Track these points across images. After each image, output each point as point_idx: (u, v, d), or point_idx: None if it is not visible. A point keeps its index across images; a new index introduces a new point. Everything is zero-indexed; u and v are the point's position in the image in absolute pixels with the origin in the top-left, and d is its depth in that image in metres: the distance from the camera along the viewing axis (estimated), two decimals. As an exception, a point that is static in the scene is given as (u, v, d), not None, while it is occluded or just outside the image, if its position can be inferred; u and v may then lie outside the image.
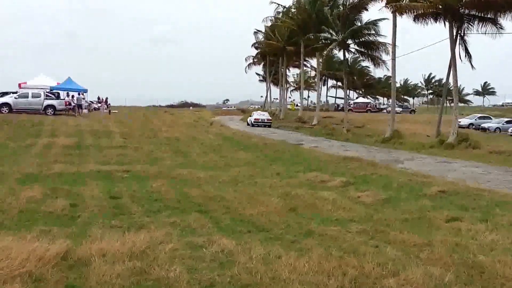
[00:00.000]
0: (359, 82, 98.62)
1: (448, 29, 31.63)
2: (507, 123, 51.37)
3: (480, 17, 31.06)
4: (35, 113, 39.54)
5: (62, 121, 36.70)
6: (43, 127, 32.40)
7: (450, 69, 32.93)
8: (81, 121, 39.09)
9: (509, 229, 9.45)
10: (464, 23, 32.23)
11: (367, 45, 42.77)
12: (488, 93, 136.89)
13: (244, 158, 22.60)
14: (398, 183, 15.26)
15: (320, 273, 6.60)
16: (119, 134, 31.54)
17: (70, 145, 24.48)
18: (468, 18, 31.88)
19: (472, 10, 31.02)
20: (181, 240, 8.10)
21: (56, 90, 50.30)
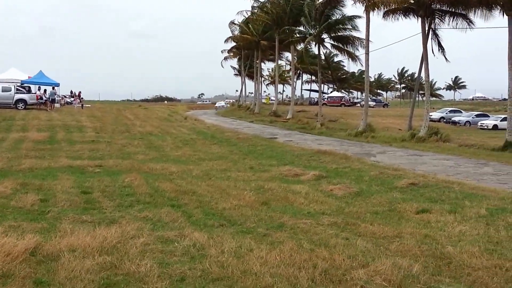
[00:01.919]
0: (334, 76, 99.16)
1: (420, 24, 31.97)
2: (477, 117, 52.31)
3: (451, 12, 31.49)
4: (6, 108, 38.94)
5: (34, 116, 36.22)
6: (14, 121, 31.96)
7: (422, 64, 33.31)
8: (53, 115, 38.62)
9: (477, 220, 9.61)
10: (436, 18, 32.65)
11: (342, 40, 43.02)
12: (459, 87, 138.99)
13: (217, 152, 22.60)
14: (369, 176, 15.41)
15: (291, 265, 6.63)
16: (91, 129, 31.26)
17: (41, 140, 24.18)
18: (439, 13, 32.29)
19: (443, 5, 31.40)
20: (152, 234, 8.05)
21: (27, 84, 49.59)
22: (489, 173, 17.58)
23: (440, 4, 31.57)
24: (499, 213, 10.13)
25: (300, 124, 44.39)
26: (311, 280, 6.17)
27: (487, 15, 28.59)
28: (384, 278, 6.15)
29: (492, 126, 45.73)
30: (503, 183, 15.24)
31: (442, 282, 6.20)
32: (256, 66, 68.58)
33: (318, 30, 43.21)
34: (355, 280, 6.12)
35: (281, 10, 51.68)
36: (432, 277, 6.38)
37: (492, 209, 10.50)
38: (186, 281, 6.12)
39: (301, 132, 38.19)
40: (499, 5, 27.10)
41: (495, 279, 6.35)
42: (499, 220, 9.57)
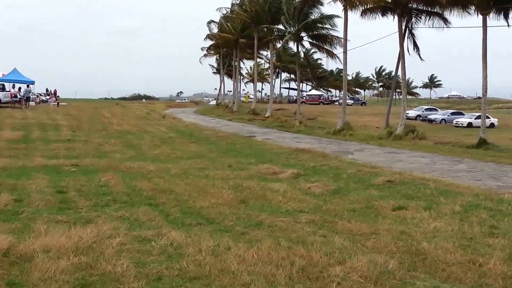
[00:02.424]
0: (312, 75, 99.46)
1: (397, 23, 32.23)
2: (452, 115, 52.93)
3: (427, 11, 31.82)
4: (-20, 106, 38.36)
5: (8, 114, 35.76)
6: (-12, 120, 31.47)
7: (399, 62, 33.60)
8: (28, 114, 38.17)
9: (451, 217, 9.74)
10: (412, 17, 32.96)
11: (321, 38, 43.16)
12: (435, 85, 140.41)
13: (195, 151, 22.52)
14: (347, 174, 15.51)
15: (269, 263, 6.65)
16: (67, 127, 30.95)
17: (16, 138, 23.83)
18: (416, 12, 32.60)
19: (420, 4, 31.71)
20: (129, 234, 8.00)
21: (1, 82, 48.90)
22: (463, 170, 17.83)
23: (417, 3, 31.87)
24: (473, 209, 10.29)
25: (279, 122, 44.48)
26: (288, 277, 6.21)
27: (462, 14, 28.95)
28: (360, 275, 6.21)
29: (467, 124, 46.30)
30: (477, 180, 15.47)
31: (417, 278, 6.27)
32: (235, 65, 68.49)
33: (296, 28, 43.28)
34: (332, 277, 6.17)
35: (259, 8, 51.67)
36: (407, 273, 6.46)
37: (466, 205, 10.66)
38: (163, 280, 6.10)
39: (280, 130, 38.26)
40: (473, 4, 27.43)
41: (468, 274, 6.45)
42: (473, 216, 9.72)
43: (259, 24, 52.07)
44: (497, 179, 15.95)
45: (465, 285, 6.16)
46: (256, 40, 54.94)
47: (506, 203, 10.93)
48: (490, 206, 10.63)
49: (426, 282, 6.08)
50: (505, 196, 11.68)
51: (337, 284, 5.95)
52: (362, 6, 32.46)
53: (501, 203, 10.94)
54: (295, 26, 43.55)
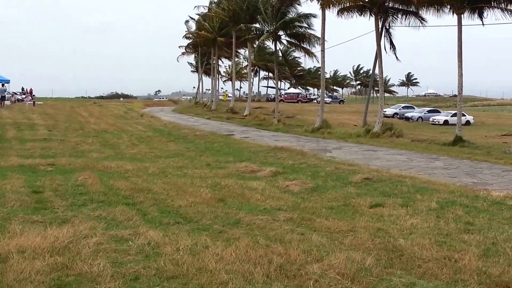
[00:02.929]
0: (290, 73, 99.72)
1: (374, 22, 32.47)
2: (429, 113, 53.53)
3: (404, 10, 32.11)
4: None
5: (-17, 114, 35.21)
6: (-38, 120, 30.99)
7: (376, 61, 33.85)
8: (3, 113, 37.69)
9: (427, 213, 9.84)
10: (389, 16, 33.23)
11: (298, 37, 43.30)
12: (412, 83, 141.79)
13: (174, 150, 22.46)
14: (325, 171, 15.57)
15: (247, 261, 6.65)
16: (44, 127, 30.65)
17: (-9, 138, 23.53)
18: (392, 11, 32.87)
19: (396, 3, 31.97)
20: (106, 233, 7.94)
21: (-25, 81, 48.19)
22: (439, 167, 18.03)
23: (393, 2, 32.14)
24: (449, 206, 10.40)
25: (257, 120, 44.49)
26: (266, 275, 6.21)
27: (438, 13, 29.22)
28: (338, 272, 6.24)
29: (443, 122, 46.78)
30: (453, 177, 15.66)
31: (394, 274, 6.32)
32: (213, 63, 68.42)
33: (274, 27, 43.36)
34: (309, 275, 6.19)
35: (237, 7, 51.60)
36: (384, 270, 6.51)
37: (442, 202, 10.77)
38: (140, 280, 6.07)
39: (258, 128, 38.28)
40: (448, 3, 27.71)
41: (444, 270, 6.52)
42: (449, 212, 9.83)
43: (237, 22, 52.01)
44: (472, 176, 16.16)
45: (440, 281, 6.21)
46: (234, 38, 54.89)
47: (481, 199, 11.05)
48: (466, 202, 10.75)
49: (402, 279, 6.12)
50: (480, 192, 11.80)
51: (314, 282, 5.97)
52: (339, 5, 32.59)
53: (476, 199, 11.06)
54: (273, 25, 43.62)
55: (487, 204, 10.64)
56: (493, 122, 51.30)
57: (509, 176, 16.13)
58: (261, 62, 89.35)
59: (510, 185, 14.16)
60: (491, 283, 6.16)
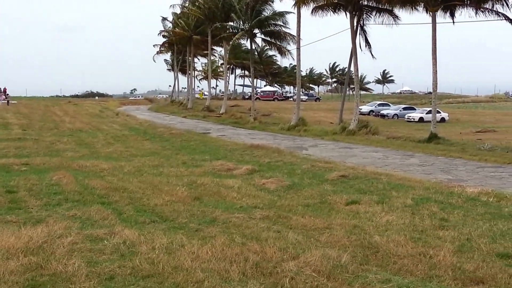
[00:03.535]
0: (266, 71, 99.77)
1: (349, 20, 32.61)
2: (404, 110, 53.96)
3: (378, 8, 32.31)
4: None
5: (-45, 113, 34.59)
6: None
7: (352, 59, 34.03)
8: (-24, 112, 37.03)
9: (403, 210, 9.93)
10: (364, 14, 33.42)
11: (274, 35, 43.30)
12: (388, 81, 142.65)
13: (150, 148, 22.33)
14: (301, 169, 15.61)
15: (223, 260, 6.64)
16: (18, 126, 30.26)
17: (-37, 138, 23.13)
18: (367, 9, 33.06)
19: (370, 1, 32.17)
20: (81, 233, 7.86)
21: None
22: (415, 164, 18.21)
23: (368, 0, 32.32)
24: (424, 202, 10.51)
25: (234, 118, 44.43)
26: (242, 273, 6.21)
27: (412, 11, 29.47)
28: (313, 269, 6.26)
29: (418, 119, 47.18)
30: (428, 174, 15.83)
31: (369, 271, 6.36)
32: (189, 61, 68.09)
33: (249, 25, 43.33)
34: (285, 272, 6.20)
35: (213, 5, 51.45)
36: (360, 266, 6.55)
37: (418, 198, 10.87)
38: (115, 279, 6.02)
39: (234, 126, 38.25)
40: (422, 2, 27.98)
41: (419, 266, 6.58)
42: (424, 209, 9.92)
43: (212, 21, 51.85)
44: (447, 172, 16.35)
45: (416, 277, 6.27)
46: (209, 37, 54.71)
47: (456, 196, 11.18)
48: (441, 199, 10.87)
49: (378, 275, 6.16)
50: (455, 189, 11.93)
51: (290, 279, 5.98)
52: (314, 3, 32.67)
53: (451, 196, 11.18)
54: (248, 23, 43.57)
55: (462, 200, 10.77)
56: (468, 119, 51.97)
57: (484, 172, 16.35)
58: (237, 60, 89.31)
59: (484, 181, 14.37)
60: (466, 279, 6.23)
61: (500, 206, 10.28)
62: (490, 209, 9.96)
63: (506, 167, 17.43)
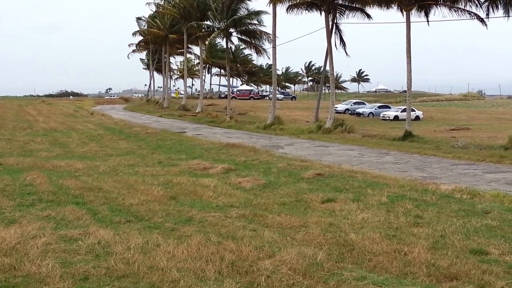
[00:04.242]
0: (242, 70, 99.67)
1: (324, 18, 32.76)
2: (379, 108, 54.34)
3: (352, 7, 32.48)
4: None
5: None
6: None
7: (327, 57, 34.18)
8: None
9: (378, 208, 10.01)
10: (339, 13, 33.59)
11: (250, 34, 43.27)
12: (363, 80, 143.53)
13: (125, 148, 22.17)
14: (277, 168, 15.63)
15: (199, 259, 6.62)
16: (-11, 126, 29.74)
17: None
18: (341, 8, 33.24)
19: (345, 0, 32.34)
20: (55, 233, 7.76)
21: None
22: (390, 162, 18.37)
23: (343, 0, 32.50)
24: (399, 200, 10.60)
25: (210, 117, 44.35)
26: (218, 272, 6.19)
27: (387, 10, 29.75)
28: (289, 267, 6.27)
29: (393, 117, 47.55)
30: (403, 171, 15.98)
31: (345, 268, 6.39)
32: (164, 60, 67.73)
33: (225, 24, 43.25)
34: (261, 271, 6.20)
35: (188, 4, 51.21)
36: (335, 264, 6.58)
37: (393, 196, 10.97)
38: (90, 280, 5.96)
39: (211, 125, 38.19)
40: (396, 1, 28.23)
41: (394, 263, 6.64)
42: (399, 206, 10.02)
43: (188, 20, 51.62)
44: (422, 170, 16.52)
45: (391, 274, 6.32)
46: (185, 36, 54.48)
47: (430, 193, 11.31)
48: (415, 196, 10.98)
49: (353, 272, 6.20)
50: (430, 186, 12.07)
51: (266, 278, 5.98)
52: (289, 1, 32.75)
53: (425, 193, 11.31)
54: (223, 22, 43.48)
55: (436, 197, 10.90)
56: (442, 117, 52.54)
57: (457, 169, 16.57)
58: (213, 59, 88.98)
59: (458, 179, 14.56)
60: (440, 275, 6.30)
61: (474, 203, 10.43)
62: (464, 206, 10.09)
63: (479, 164, 17.68)
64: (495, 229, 8.41)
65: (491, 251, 7.21)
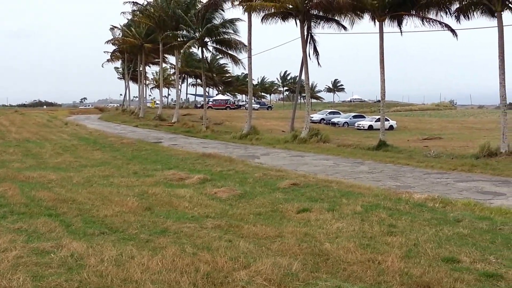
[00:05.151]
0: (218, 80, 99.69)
1: (300, 28, 32.98)
2: (354, 118, 54.86)
3: (326, 18, 32.74)
4: None
5: None
6: None
7: (303, 67, 34.37)
8: None
9: (353, 217, 10.07)
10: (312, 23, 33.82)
11: (225, 43, 43.34)
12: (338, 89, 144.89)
13: (100, 158, 21.98)
14: (253, 178, 15.65)
15: (173, 271, 6.58)
16: (-40, 137, 29.25)
17: None
18: (316, 18, 33.49)
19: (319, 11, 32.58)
20: (26, 246, 7.65)
21: None
22: (364, 171, 18.51)
23: (317, 10, 32.72)
24: (373, 209, 10.69)
25: (186, 127, 44.22)
26: (193, 284, 6.17)
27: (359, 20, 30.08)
28: (264, 278, 6.27)
29: (368, 127, 48.03)
30: (377, 181, 16.12)
31: (320, 278, 6.42)
32: (140, 70, 67.41)
33: (200, 33, 43.25)
34: (236, 282, 6.20)
35: (163, 13, 51.10)
36: (310, 274, 6.60)
37: (367, 205, 11.06)
38: (62, 293, 5.88)
39: (187, 135, 38.07)
40: (370, 11, 28.55)
41: (368, 273, 6.69)
42: (373, 216, 10.10)
43: (163, 29, 51.46)
44: (395, 179, 16.68)
45: (365, 283, 6.37)
46: (161, 45, 54.29)
47: (403, 202, 11.42)
48: (389, 205, 11.08)
49: (328, 282, 6.23)
50: (403, 195, 12.19)
51: (241, 288, 5.99)
52: (263, 11, 32.88)
53: (399, 202, 11.42)
54: (199, 31, 43.49)
55: (409, 206, 11.01)
56: (415, 126, 53.19)
57: (430, 178, 16.76)
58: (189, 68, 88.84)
59: (430, 188, 14.74)
60: (413, 284, 6.37)
61: (446, 211, 10.57)
62: (436, 215, 10.22)
63: (451, 173, 17.93)
64: (466, 237, 8.53)
65: (463, 259, 7.31)
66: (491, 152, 21.87)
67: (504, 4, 22.60)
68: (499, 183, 15.69)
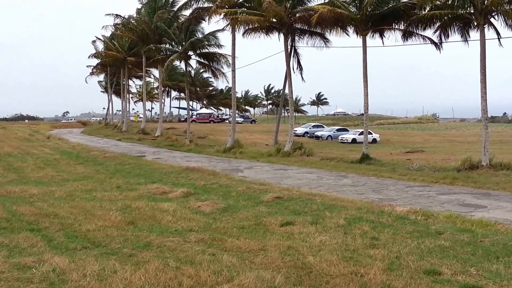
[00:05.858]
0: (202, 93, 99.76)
1: (283, 42, 33.18)
2: (338, 131, 55.18)
3: (310, 31, 33.00)
4: None
5: None
6: None
7: (286, 80, 34.55)
8: None
9: (336, 230, 10.12)
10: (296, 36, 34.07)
11: (208, 57, 43.44)
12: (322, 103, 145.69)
13: (82, 172, 21.83)
14: (237, 191, 15.66)
15: (156, 285, 6.58)
16: None
17: None
18: (299, 32, 33.75)
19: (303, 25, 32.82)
20: (7, 261, 7.59)
21: None
22: (348, 185, 18.58)
23: (301, 24, 32.96)
24: (356, 222, 10.76)
25: (169, 141, 44.11)
26: (175, 298, 6.15)
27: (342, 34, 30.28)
28: (248, 292, 6.28)
29: (351, 140, 48.31)
30: (360, 194, 16.20)
31: (303, 291, 6.44)
32: (123, 83, 67.20)
33: (183, 47, 43.32)
34: (219, 296, 6.19)
35: (146, 27, 51.08)
36: (293, 287, 6.62)
37: (350, 218, 11.12)
38: (44, 308, 5.84)
39: (170, 149, 37.97)
40: (353, 25, 28.85)
41: (351, 285, 6.72)
42: (356, 229, 10.16)
43: (146, 43, 51.43)
44: (378, 192, 16.77)
45: (347, 296, 6.40)
46: (144, 59, 54.23)
47: (386, 215, 11.51)
48: (372, 218, 11.16)
49: (311, 295, 6.25)
50: (386, 208, 12.29)
51: (224, 302, 5.98)
52: (247, 26, 33.05)
53: (381, 215, 11.50)
54: (182, 45, 43.55)
55: (392, 219, 11.10)
56: (398, 139, 53.61)
57: (412, 191, 16.88)
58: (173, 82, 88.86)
59: (413, 200, 14.84)
60: (395, 296, 6.41)
61: (428, 224, 10.66)
62: (418, 227, 10.30)
63: (433, 186, 18.07)
64: (447, 249, 8.61)
65: (444, 271, 7.37)
66: (472, 165, 22.10)
67: (486, 18, 22.94)
68: (480, 196, 15.85)
